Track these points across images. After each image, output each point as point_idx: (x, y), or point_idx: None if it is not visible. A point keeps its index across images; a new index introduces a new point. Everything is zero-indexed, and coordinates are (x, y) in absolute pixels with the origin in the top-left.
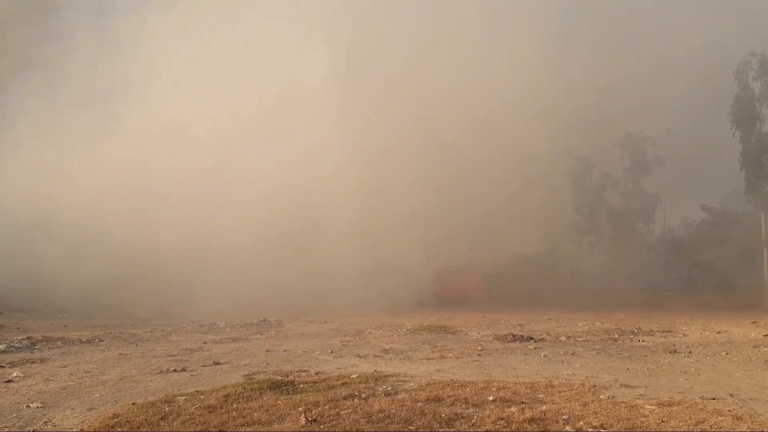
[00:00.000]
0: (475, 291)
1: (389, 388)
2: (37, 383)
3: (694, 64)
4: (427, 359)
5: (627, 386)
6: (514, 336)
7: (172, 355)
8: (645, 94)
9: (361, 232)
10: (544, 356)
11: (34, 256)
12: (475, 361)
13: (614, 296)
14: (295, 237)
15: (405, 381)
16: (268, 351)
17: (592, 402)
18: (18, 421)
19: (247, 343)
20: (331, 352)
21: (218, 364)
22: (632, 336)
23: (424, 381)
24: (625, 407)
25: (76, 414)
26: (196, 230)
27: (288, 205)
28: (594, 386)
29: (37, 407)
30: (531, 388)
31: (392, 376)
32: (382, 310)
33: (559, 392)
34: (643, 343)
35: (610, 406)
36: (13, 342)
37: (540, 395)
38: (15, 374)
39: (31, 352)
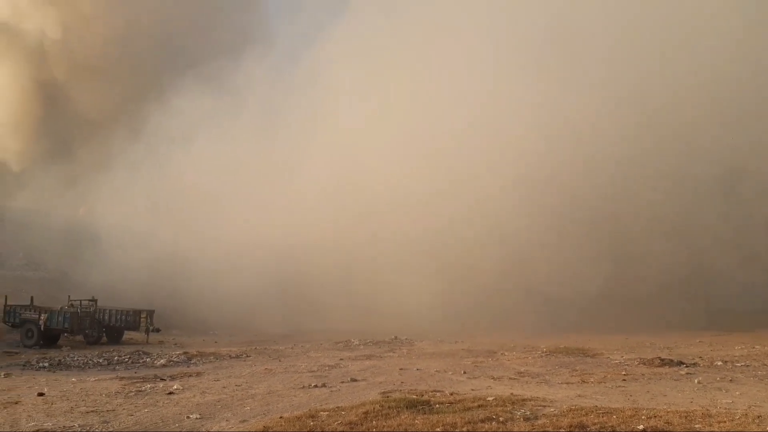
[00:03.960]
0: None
1: (528, 413)
2: (194, 395)
3: None
4: (567, 383)
5: None
6: (662, 360)
7: (313, 371)
8: None
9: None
10: (698, 382)
11: (187, 276)
12: (619, 386)
13: None
14: (442, 251)
15: (544, 406)
16: (401, 369)
17: None
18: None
19: (380, 361)
20: (464, 372)
21: (355, 380)
22: None
23: (565, 406)
24: None
25: (230, 425)
26: (342, 248)
27: (429, 216)
28: (759, 416)
29: (196, 418)
30: (686, 417)
31: (530, 400)
32: (514, 330)
33: (719, 422)
34: None
35: None
36: (172, 357)
37: (697, 426)
38: (175, 387)
39: (188, 366)
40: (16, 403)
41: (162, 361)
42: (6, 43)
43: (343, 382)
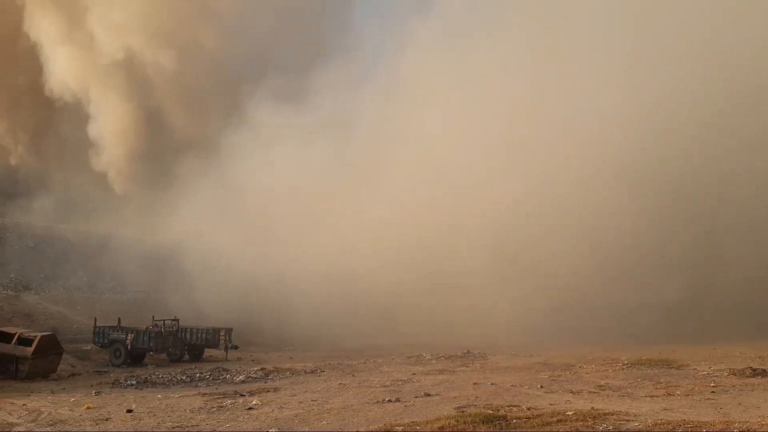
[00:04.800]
0: None
1: (610, 428)
2: (273, 410)
3: None
4: (651, 396)
5: None
6: (754, 370)
7: (386, 386)
8: None
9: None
10: None
11: (262, 293)
12: (708, 399)
13: None
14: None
15: (628, 420)
16: (475, 384)
17: None
18: None
19: (453, 375)
20: (541, 386)
21: (429, 395)
22: None
23: (650, 421)
24: None
25: None
26: (414, 263)
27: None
28: None
29: None
30: None
31: (612, 414)
32: (592, 342)
33: None
34: None
35: None
36: (250, 373)
37: None
38: (254, 402)
39: (265, 382)
40: (107, 419)
41: (241, 377)
42: (123, 77)
43: (416, 397)
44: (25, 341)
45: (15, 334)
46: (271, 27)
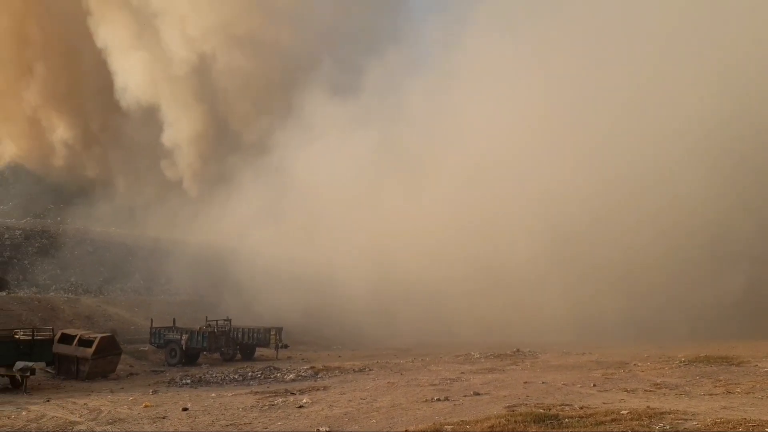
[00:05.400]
0: None
1: (668, 427)
2: (323, 408)
3: None
4: (710, 395)
5: None
6: None
7: (434, 385)
8: None
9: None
10: None
11: (310, 292)
12: None
13: None
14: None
15: (686, 419)
16: (526, 382)
17: None
18: None
19: (503, 374)
20: (594, 385)
21: (478, 394)
22: None
23: (709, 419)
24: None
25: None
26: (463, 260)
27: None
28: None
29: (326, 431)
30: None
31: (669, 413)
32: (646, 339)
33: None
34: None
35: None
36: (300, 372)
37: None
38: (305, 400)
39: (315, 381)
40: (164, 417)
41: (291, 375)
42: (194, 81)
43: (465, 396)
44: (85, 342)
45: (76, 335)
46: (326, 18)
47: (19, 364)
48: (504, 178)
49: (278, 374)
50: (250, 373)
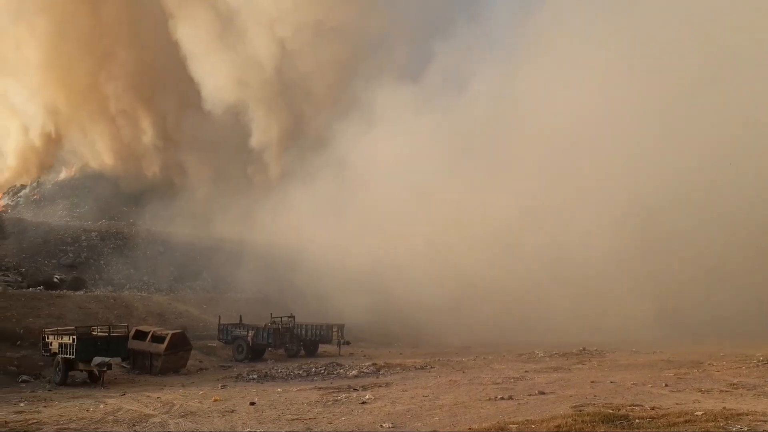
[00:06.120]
0: None
1: (745, 429)
2: (385, 405)
3: None
4: None
5: None
6: None
7: (498, 383)
8: None
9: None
10: None
11: (370, 290)
12: None
13: None
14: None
15: (764, 421)
16: (593, 382)
17: None
18: None
19: (569, 374)
20: (666, 385)
21: (543, 393)
22: None
23: None
24: None
25: None
26: (528, 253)
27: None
28: None
29: (389, 427)
30: None
31: (747, 414)
32: (722, 338)
33: None
34: None
35: None
36: (362, 368)
37: None
38: (367, 396)
39: (377, 377)
40: (232, 411)
41: (354, 372)
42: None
43: (530, 395)
44: (158, 339)
45: (149, 332)
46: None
47: (97, 360)
48: (579, 166)
49: (341, 370)
50: (313, 369)
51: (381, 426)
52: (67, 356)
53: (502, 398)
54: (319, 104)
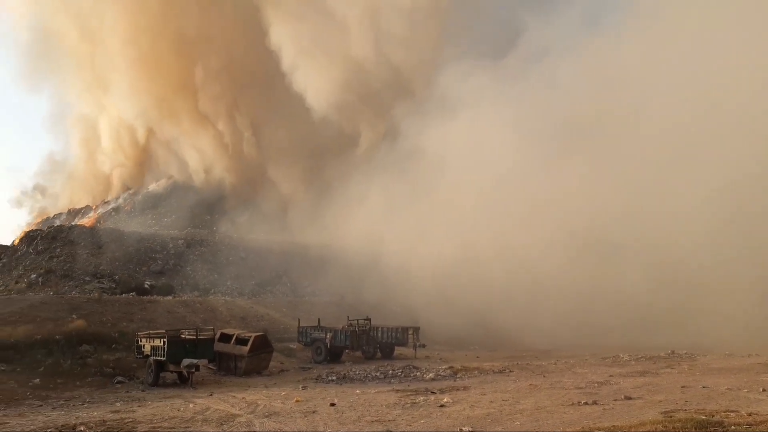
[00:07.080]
0: None
1: None
2: (464, 409)
3: None
4: None
5: None
6: None
7: (580, 388)
8: None
9: None
10: None
11: (444, 292)
12: None
13: None
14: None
15: None
16: (683, 387)
17: None
18: None
19: (657, 378)
20: (764, 390)
21: (630, 398)
22: None
23: None
24: None
25: None
26: (609, 253)
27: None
28: None
29: (469, 430)
30: None
31: None
32: None
33: None
34: None
35: None
36: (439, 371)
37: None
38: (445, 400)
39: (454, 381)
40: (314, 412)
41: (430, 375)
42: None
43: (616, 400)
44: (241, 341)
45: (233, 335)
46: None
47: (186, 361)
48: (684, 163)
49: (418, 373)
50: (390, 371)
51: (461, 429)
52: (159, 358)
53: (586, 403)
54: (412, 98)
